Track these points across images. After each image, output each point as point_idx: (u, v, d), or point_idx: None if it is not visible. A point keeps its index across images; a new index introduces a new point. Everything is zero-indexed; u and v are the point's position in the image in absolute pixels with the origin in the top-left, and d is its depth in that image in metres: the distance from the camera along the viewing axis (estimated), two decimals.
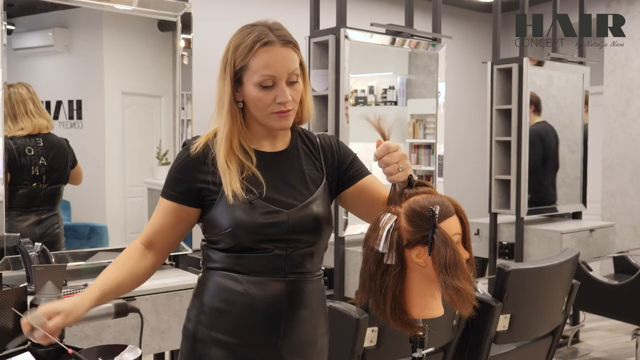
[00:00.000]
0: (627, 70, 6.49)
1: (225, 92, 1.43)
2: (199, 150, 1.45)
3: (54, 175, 2.63)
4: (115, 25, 2.92)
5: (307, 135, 1.57)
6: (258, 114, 1.44)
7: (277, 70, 1.40)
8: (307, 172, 1.51)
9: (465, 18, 7.65)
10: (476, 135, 7.00)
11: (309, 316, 1.48)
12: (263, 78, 1.40)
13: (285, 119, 1.44)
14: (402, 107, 4.86)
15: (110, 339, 2.25)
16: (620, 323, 4.54)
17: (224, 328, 1.43)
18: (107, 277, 1.40)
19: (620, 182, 6.52)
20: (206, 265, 1.50)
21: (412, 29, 3.90)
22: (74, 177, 2.78)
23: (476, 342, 2.43)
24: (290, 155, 1.51)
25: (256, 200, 1.41)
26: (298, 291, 1.46)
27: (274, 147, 1.50)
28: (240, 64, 1.41)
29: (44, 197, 2.61)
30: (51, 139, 2.65)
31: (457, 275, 1.26)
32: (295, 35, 1.46)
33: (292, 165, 1.50)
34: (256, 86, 1.41)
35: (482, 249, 4.63)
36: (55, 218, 2.68)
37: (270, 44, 1.40)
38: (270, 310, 1.43)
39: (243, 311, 1.42)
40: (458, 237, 1.31)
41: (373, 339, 2.14)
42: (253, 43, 1.39)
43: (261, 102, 1.42)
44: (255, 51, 1.39)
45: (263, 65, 1.39)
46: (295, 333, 1.46)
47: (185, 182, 1.44)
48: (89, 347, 1.32)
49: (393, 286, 1.30)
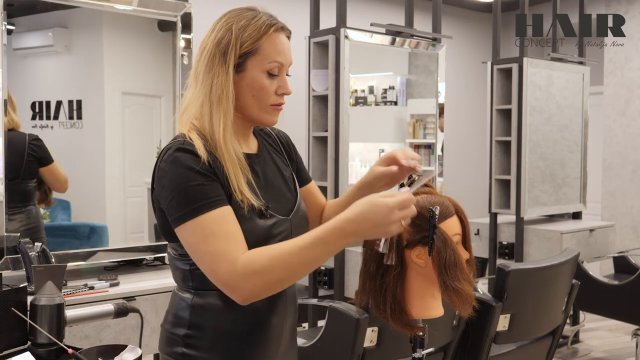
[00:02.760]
0: (627, 70, 6.49)
1: (225, 81, 1.28)
2: (205, 154, 1.24)
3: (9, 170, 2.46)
4: (115, 25, 2.91)
5: (264, 131, 1.47)
6: (254, 105, 1.32)
7: (285, 59, 1.33)
8: (282, 171, 1.43)
9: (465, 18, 7.65)
10: (476, 135, 7.00)
11: (294, 317, 1.45)
12: (274, 65, 1.31)
13: (278, 112, 1.36)
14: (402, 107, 4.86)
15: (110, 339, 2.25)
16: (620, 323, 4.54)
17: (232, 349, 1.32)
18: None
19: (620, 182, 6.52)
20: (191, 285, 1.31)
21: (412, 29, 3.90)
22: (48, 179, 2.70)
23: (476, 342, 2.43)
24: (266, 156, 1.41)
25: (268, 210, 1.29)
26: (292, 295, 1.41)
27: (249, 147, 1.39)
28: (249, 47, 1.28)
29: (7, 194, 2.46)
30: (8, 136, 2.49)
31: (457, 276, 1.26)
32: (295, 35, 1.44)
33: (271, 167, 1.41)
34: (264, 73, 1.30)
35: (482, 249, 4.63)
36: (23, 215, 2.59)
37: (280, 31, 1.32)
38: (275, 321, 1.36)
39: (252, 328, 1.32)
40: (458, 237, 1.31)
41: (373, 339, 2.14)
42: (267, 27, 1.29)
43: (264, 92, 1.31)
44: (269, 35, 1.29)
45: (276, 50, 1.30)
46: (286, 337, 1.42)
47: (218, 182, 1.24)
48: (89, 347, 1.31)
49: (393, 287, 1.30)
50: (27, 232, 2.53)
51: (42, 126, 2.79)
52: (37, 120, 2.78)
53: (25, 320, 1.41)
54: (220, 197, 1.23)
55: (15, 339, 1.41)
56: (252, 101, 1.32)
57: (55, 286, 1.43)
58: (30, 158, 2.64)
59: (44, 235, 2.66)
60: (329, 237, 1.18)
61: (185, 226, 1.22)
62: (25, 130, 2.64)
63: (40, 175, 2.70)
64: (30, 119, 2.72)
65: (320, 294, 3.57)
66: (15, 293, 1.42)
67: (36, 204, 2.69)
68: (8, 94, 2.52)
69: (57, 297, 1.43)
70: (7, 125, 2.53)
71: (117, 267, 2.72)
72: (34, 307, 1.42)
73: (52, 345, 1.39)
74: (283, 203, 1.37)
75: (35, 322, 1.40)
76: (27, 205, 2.65)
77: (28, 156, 2.63)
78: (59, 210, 2.85)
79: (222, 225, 1.21)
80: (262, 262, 1.19)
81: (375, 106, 4.99)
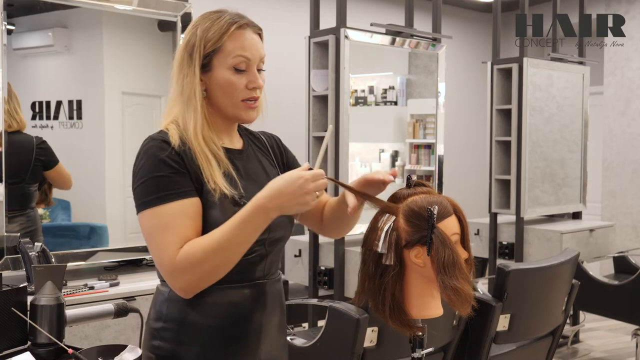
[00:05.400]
0: (627, 70, 6.49)
1: (192, 80, 1.35)
2: (178, 142, 1.32)
3: (12, 175, 2.46)
4: (115, 25, 2.92)
5: (252, 133, 1.54)
6: (226, 102, 1.38)
7: (252, 53, 1.37)
8: (267, 170, 1.48)
9: (465, 18, 7.65)
10: (476, 135, 7.00)
11: (277, 317, 1.46)
12: (239, 60, 1.36)
13: (253, 110, 1.40)
14: (402, 107, 4.86)
15: (110, 339, 2.25)
16: (620, 323, 4.54)
17: (206, 343, 1.35)
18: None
19: (620, 182, 6.53)
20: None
21: (412, 29, 3.90)
22: (54, 179, 2.70)
23: (476, 342, 2.43)
24: (250, 153, 1.47)
25: (242, 199, 1.33)
26: (273, 292, 1.44)
27: (233, 144, 1.45)
28: (213, 46, 1.35)
29: (8, 198, 2.43)
30: (13, 139, 2.50)
31: (456, 275, 1.26)
32: (295, 35, 1.46)
33: (254, 164, 1.46)
34: (230, 69, 1.36)
35: (482, 249, 4.63)
36: (23, 218, 2.60)
37: (245, 28, 1.38)
38: (250, 317, 1.38)
39: (224, 322, 1.35)
40: (457, 237, 1.31)
41: (373, 339, 2.14)
42: (228, 25, 1.36)
43: (233, 87, 1.37)
44: (231, 33, 1.36)
45: (239, 46, 1.36)
46: (272, 335, 1.43)
47: (184, 174, 1.31)
48: (89, 347, 1.32)
49: (392, 286, 1.30)
50: (26, 235, 2.53)
51: (42, 126, 2.79)
52: (37, 120, 2.78)
53: (25, 320, 1.41)
54: (183, 190, 1.29)
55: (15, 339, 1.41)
56: (223, 98, 1.38)
57: (55, 286, 1.43)
58: (37, 163, 2.64)
59: (42, 238, 2.65)
60: (252, 216, 1.25)
61: (144, 213, 1.30)
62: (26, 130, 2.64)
63: (46, 177, 2.70)
64: (30, 119, 2.72)
65: (320, 294, 3.57)
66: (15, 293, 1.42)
67: (35, 207, 2.69)
68: (13, 92, 2.52)
69: (57, 297, 1.43)
70: (16, 126, 2.54)
71: (117, 267, 2.72)
72: (34, 307, 1.42)
73: (52, 345, 1.39)
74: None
75: (35, 322, 1.40)
76: (27, 209, 2.64)
77: (35, 161, 2.63)
78: (59, 210, 2.85)
79: (177, 219, 1.28)
80: (197, 254, 1.25)
81: (375, 106, 4.99)
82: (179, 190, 1.29)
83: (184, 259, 1.25)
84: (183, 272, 1.26)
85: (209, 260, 1.26)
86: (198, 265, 1.25)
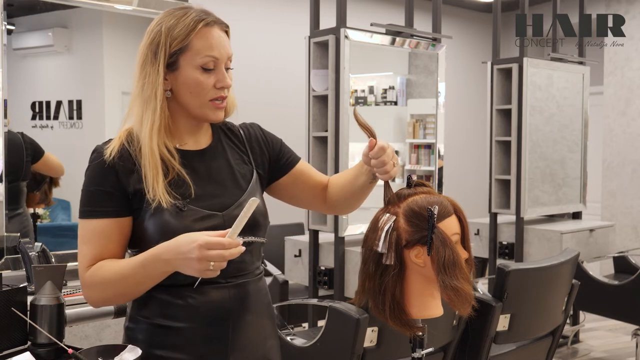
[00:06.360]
0: (627, 70, 6.49)
1: (155, 80, 1.30)
2: (115, 154, 1.30)
3: (7, 173, 2.42)
4: (115, 25, 2.92)
5: (230, 127, 1.48)
6: (194, 102, 1.34)
7: (220, 52, 1.33)
8: (235, 167, 1.42)
9: (465, 18, 7.65)
10: (476, 135, 7.00)
11: (255, 319, 1.40)
12: (207, 59, 1.32)
13: (221, 110, 1.36)
14: (402, 107, 4.86)
15: (110, 339, 2.24)
16: (620, 323, 4.54)
17: (173, 345, 1.33)
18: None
19: (620, 182, 6.53)
20: None
21: (412, 29, 3.90)
22: (43, 169, 2.67)
23: (476, 342, 2.43)
24: (216, 152, 1.42)
25: (186, 206, 1.30)
26: (242, 294, 1.37)
27: (197, 144, 1.40)
28: (179, 45, 1.30)
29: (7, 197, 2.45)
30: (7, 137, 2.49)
31: (456, 275, 1.26)
32: (295, 35, 1.45)
33: (219, 162, 1.40)
34: (197, 69, 1.32)
35: (482, 249, 4.63)
36: (19, 218, 2.58)
37: (212, 25, 1.33)
38: (216, 319, 1.34)
39: (189, 325, 1.33)
40: (457, 237, 1.31)
41: (373, 339, 2.14)
42: (195, 23, 1.31)
43: (200, 87, 1.32)
44: (198, 31, 1.31)
45: (207, 45, 1.31)
46: (243, 339, 1.37)
47: (111, 192, 1.31)
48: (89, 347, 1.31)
49: (392, 286, 1.30)
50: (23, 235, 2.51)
51: (42, 126, 2.79)
52: (37, 120, 2.78)
53: (25, 320, 1.41)
54: (105, 210, 1.31)
55: (15, 339, 1.41)
56: (190, 98, 1.34)
57: (55, 286, 1.43)
58: (28, 158, 2.63)
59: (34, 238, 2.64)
60: (148, 262, 1.26)
61: (80, 221, 1.36)
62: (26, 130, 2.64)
63: (35, 169, 2.67)
64: (30, 119, 2.73)
65: (320, 294, 3.57)
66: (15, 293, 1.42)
67: (25, 207, 2.67)
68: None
69: (57, 297, 1.43)
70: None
71: None
72: (34, 307, 1.42)
73: (52, 345, 1.39)
74: (221, 198, 1.36)
75: (35, 322, 1.40)
76: (21, 208, 2.63)
77: (27, 157, 2.62)
78: (59, 210, 2.85)
79: (95, 237, 1.31)
80: (100, 279, 1.30)
81: (375, 106, 4.99)
82: (102, 209, 1.31)
83: (90, 277, 1.31)
84: (89, 288, 1.32)
85: (109, 289, 1.30)
86: (100, 287, 1.30)
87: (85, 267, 1.32)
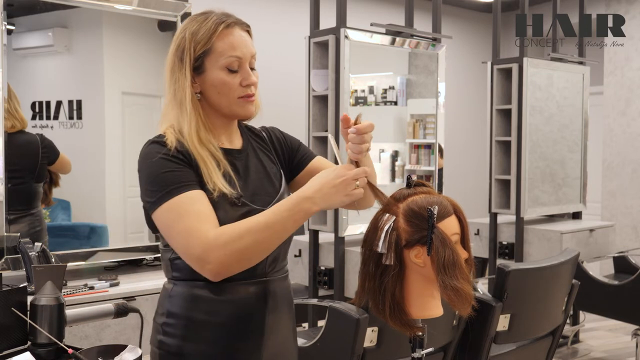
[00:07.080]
0: (627, 70, 6.49)
1: (184, 84, 1.36)
2: (175, 145, 1.34)
3: (18, 175, 2.51)
4: (115, 25, 2.92)
5: (253, 130, 1.54)
6: (223, 101, 1.38)
7: (243, 52, 1.38)
8: (267, 167, 1.48)
9: (465, 18, 7.65)
10: (476, 135, 7.00)
11: (284, 314, 1.47)
12: (230, 60, 1.36)
13: (250, 104, 1.41)
14: (402, 107, 4.86)
15: (110, 339, 2.25)
16: (620, 323, 4.54)
17: (209, 339, 1.36)
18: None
19: (620, 182, 6.53)
20: (171, 275, 1.41)
21: (412, 29, 3.90)
22: (59, 169, 2.71)
23: (476, 342, 2.43)
24: (250, 152, 1.47)
25: (240, 200, 1.35)
26: (276, 290, 1.44)
27: (232, 144, 1.45)
28: (203, 48, 1.36)
29: (13, 198, 2.46)
30: (19, 139, 2.53)
31: (456, 275, 1.26)
32: (295, 35, 1.46)
33: (254, 162, 1.46)
34: (223, 69, 1.37)
35: (482, 249, 4.63)
36: (31, 218, 2.61)
37: (233, 26, 1.38)
38: (252, 313, 1.39)
39: (226, 319, 1.37)
40: (457, 237, 1.31)
41: (373, 339, 2.14)
42: (216, 25, 1.36)
43: (227, 87, 1.37)
44: (219, 33, 1.36)
45: (229, 46, 1.36)
46: (276, 333, 1.44)
47: (188, 170, 1.32)
48: (89, 347, 1.32)
49: (392, 286, 1.30)
50: (33, 234, 2.55)
51: (42, 126, 2.79)
52: (37, 120, 2.78)
53: (25, 320, 1.41)
54: (191, 182, 1.30)
55: (15, 339, 1.41)
56: (219, 98, 1.39)
57: (55, 286, 1.43)
58: (44, 161, 2.66)
59: (47, 237, 2.67)
60: (292, 205, 1.26)
61: (159, 210, 1.29)
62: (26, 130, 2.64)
63: (51, 170, 2.71)
64: (30, 119, 2.73)
65: (320, 294, 3.57)
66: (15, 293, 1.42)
67: (40, 206, 2.69)
68: (12, 91, 2.53)
69: (57, 297, 1.43)
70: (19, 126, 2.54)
71: (117, 267, 2.72)
72: (34, 307, 1.42)
73: (52, 345, 1.39)
74: (262, 196, 1.42)
75: (35, 322, 1.40)
76: (34, 208, 2.66)
77: (42, 159, 2.65)
78: (59, 210, 2.85)
79: (194, 206, 1.27)
80: (231, 233, 1.25)
81: (375, 106, 4.99)
82: (187, 182, 1.30)
83: (219, 235, 1.25)
84: (216, 250, 1.24)
85: (243, 239, 1.25)
86: (232, 242, 1.24)
87: (204, 231, 1.25)
